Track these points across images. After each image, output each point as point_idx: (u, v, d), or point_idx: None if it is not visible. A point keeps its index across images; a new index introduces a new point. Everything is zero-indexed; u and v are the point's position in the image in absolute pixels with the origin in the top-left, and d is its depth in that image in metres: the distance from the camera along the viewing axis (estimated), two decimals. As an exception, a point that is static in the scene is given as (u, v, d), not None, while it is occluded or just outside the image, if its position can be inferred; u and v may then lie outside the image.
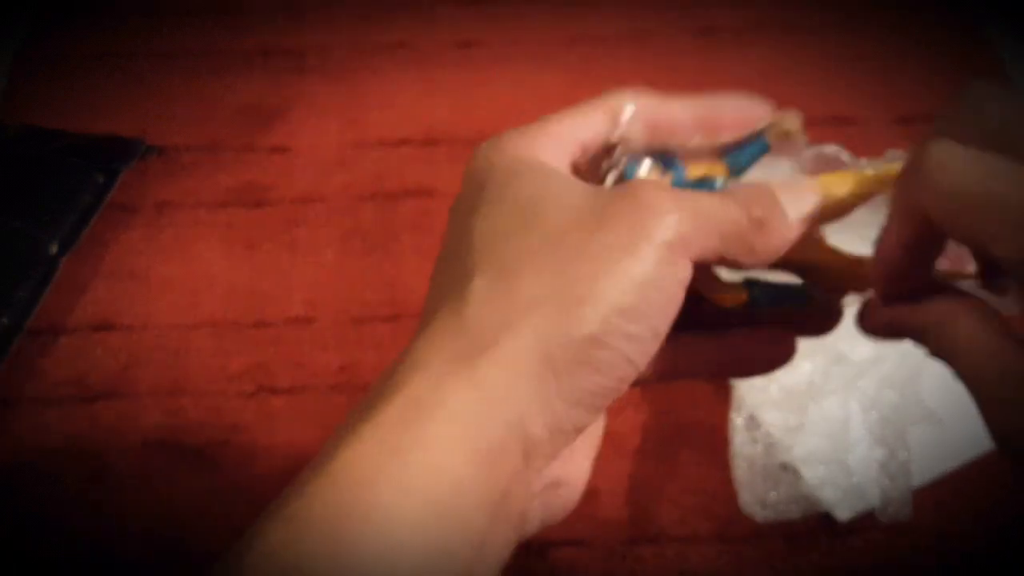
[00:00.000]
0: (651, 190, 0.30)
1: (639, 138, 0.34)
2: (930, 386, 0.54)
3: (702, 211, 0.30)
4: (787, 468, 0.53)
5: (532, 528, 0.31)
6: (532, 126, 0.33)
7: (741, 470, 0.53)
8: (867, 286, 0.33)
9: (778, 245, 0.32)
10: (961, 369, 0.29)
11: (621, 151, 0.34)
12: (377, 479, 0.26)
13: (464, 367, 0.28)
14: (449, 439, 0.27)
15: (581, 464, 0.33)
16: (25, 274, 0.63)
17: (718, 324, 0.35)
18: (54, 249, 0.64)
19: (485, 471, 0.27)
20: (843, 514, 0.52)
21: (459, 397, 0.28)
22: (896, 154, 0.35)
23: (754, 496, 0.52)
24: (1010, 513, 0.53)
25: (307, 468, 0.28)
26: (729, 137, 0.35)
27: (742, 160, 0.35)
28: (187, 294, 0.64)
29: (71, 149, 0.69)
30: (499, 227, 0.31)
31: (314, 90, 0.76)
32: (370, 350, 0.61)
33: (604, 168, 0.34)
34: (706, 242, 0.30)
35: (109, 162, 0.69)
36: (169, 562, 0.53)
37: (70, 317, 0.63)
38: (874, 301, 0.32)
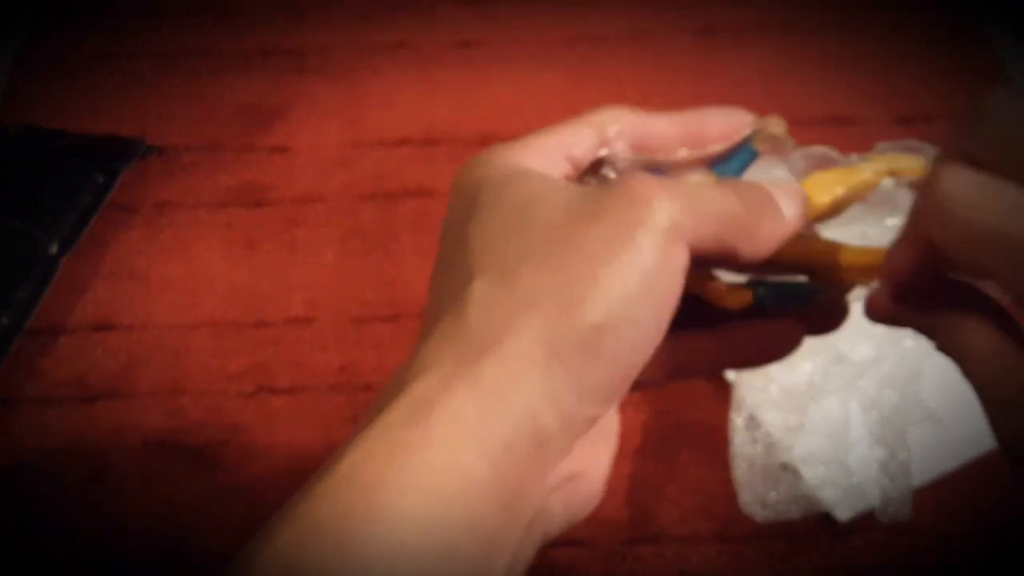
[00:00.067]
0: (643, 180, 0.30)
1: (626, 154, 0.34)
2: (930, 386, 0.54)
3: (695, 197, 0.30)
4: (787, 468, 0.53)
5: (555, 527, 0.31)
6: (520, 140, 0.34)
7: (741, 470, 0.53)
8: (871, 278, 0.33)
9: (777, 232, 0.32)
10: (968, 370, 0.29)
11: (609, 165, 0.34)
12: (383, 480, 0.26)
13: (469, 368, 0.28)
14: (456, 439, 0.27)
15: (599, 459, 0.33)
16: (25, 274, 0.63)
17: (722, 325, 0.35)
18: (54, 249, 0.64)
19: (494, 469, 0.27)
20: (843, 514, 0.52)
21: (465, 397, 0.28)
22: (885, 146, 0.35)
23: (754, 496, 0.52)
24: (1010, 513, 0.53)
25: (316, 473, 0.28)
26: (716, 148, 0.35)
27: (731, 169, 0.35)
28: (187, 294, 0.64)
29: (71, 149, 0.69)
30: (495, 230, 0.31)
31: (314, 90, 0.76)
32: (370, 350, 0.61)
33: (593, 183, 0.34)
34: (702, 228, 0.30)
35: (109, 162, 0.69)
36: (169, 562, 0.53)
37: (70, 317, 0.63)
38: (881, 291, 0.32)
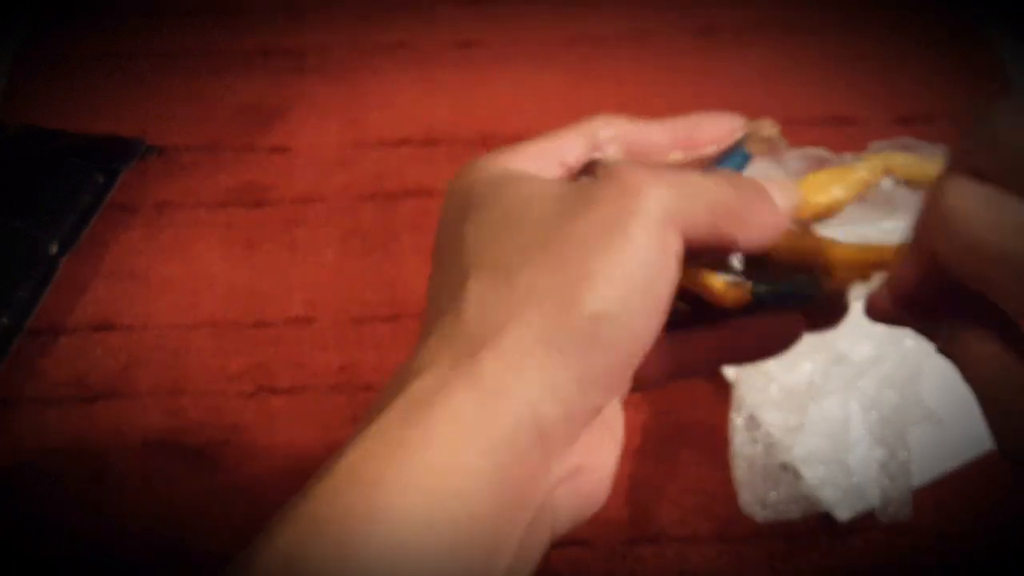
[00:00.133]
0: (632, 170, 0.30)
1: (618, 157, 0.35)
2: (930, 386, 0.54)
3: (687, 184, 0.30)
4: (787, 468, 0.53)
5: (563, 524, 0.31)
6: (513, 147, 0.34)
7: (741, 470, 0.53)
8: (869, 275, 0.33)
9: (772, 221, 0.32)
10: (968, 374, 0.29)
11: (602, 168, 0.34)
12: (383, 480, 0.26)
13: (467, 365, 0.28)
14: (455, 436, 0.27)
15: (604, 454, 0.32)
16: (25, 274, 0.63)
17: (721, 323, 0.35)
18: (54, 249, 0.64)
19: (495, 464, 0.27)
20: (843, 514, 0.52)
21: (463, 396, 0.28)
22: (880, 145, 0.35)
23: (754, 496, 0.52)
24: (1010, 513, 0.53)
25: (316, 473, 0.28)
26: (708, 152, 0.35)
27: None
28: (187, 294, 0.64)
29: (71, 149, 0.69)
30: (489, 230, 0.31)
31: (314, 90, 0.76)
32: (370, 350, 0.61)
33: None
34: (694, 214, 0.30)
35: (109, 162, 0.69)
36: (169, 562, 0.53)
37: (70, 317, 0.63)
38: (883, 291, 0.32)
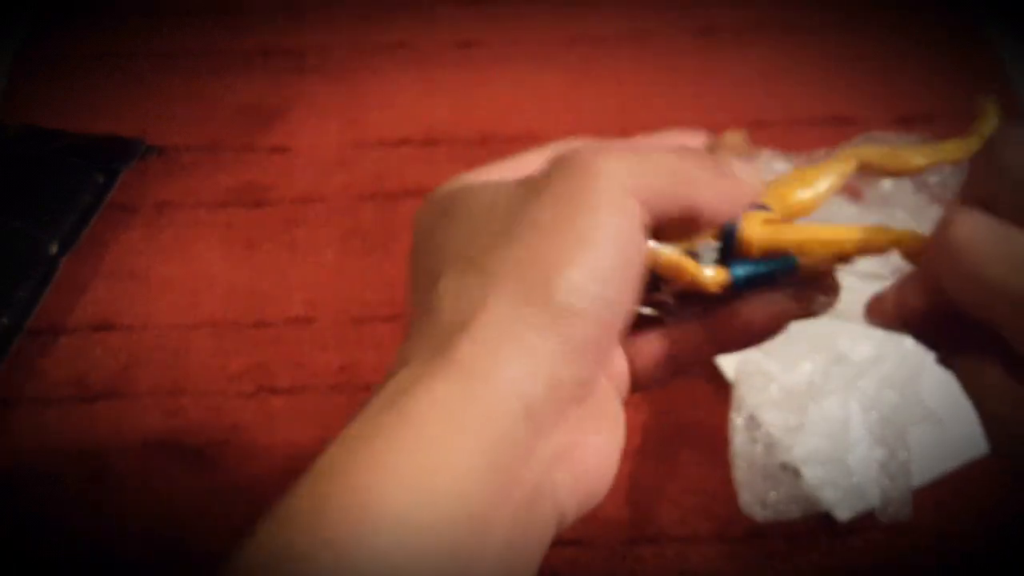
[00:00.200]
0: (583, 147, 0.31)
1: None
2: (930, 386, 0.54)
3: (639, 153, 0.31)
4: (787, 468, 0.53)
5: (569, 510, 0.31)
6: (480, 168, 0.35)
7: (741, 470, 0.53)
8: (851, 257, 0.33)
9: (735, 190, 0.33)
10: (970, 392, 0.29)
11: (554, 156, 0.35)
12: (358, 467, 0.27)
13: (443, 353, 0.29)
14: (433, 419, 0.27)
15: (603, 438, 0.32)
16: (25, 274, 0.63)
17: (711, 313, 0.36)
18: (54, 249, 0.64)
19: (477, 443, 0.27)
20: (843, 514, 0.52)
21: (440, 381, 0.28)
22: (852, 142, 0.37)
23: (754, 496, 0.52)
24: (1010, 513, 0.53)
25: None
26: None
27: None
28: (187, 294, 0.64)
29: (71, 149, 0.69)
30: (457, 232, 0.32)
31: (314, 90, 0.76)
32: (370, 350, 0.61)
33: None
34: (651, 182, 0.31)
35: (109, 162, 0.69)
36: (169, 562, 0.53)
37: (70, 317, 0.63)
38: (883, 296, 0.32)
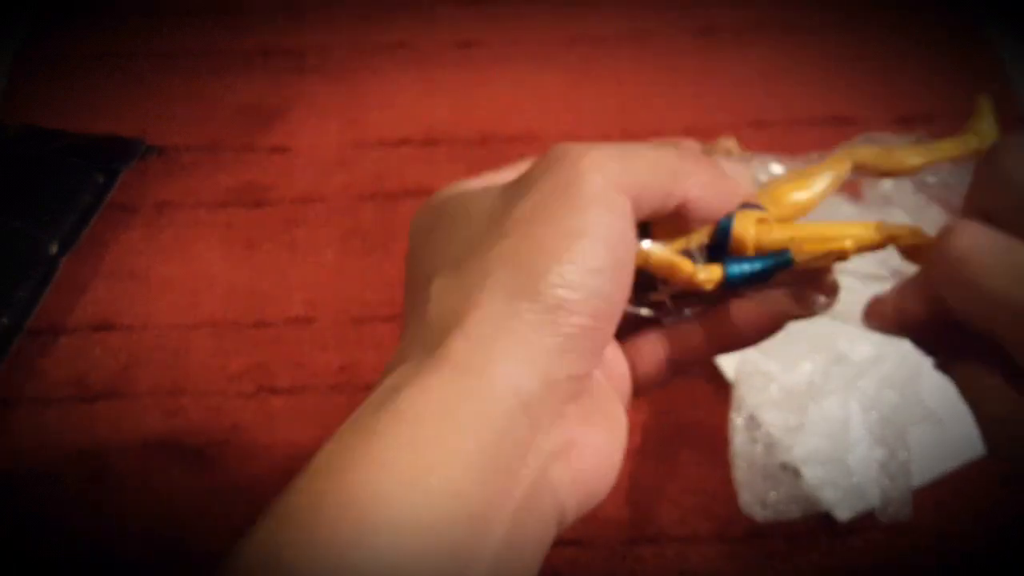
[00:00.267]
0: (566, 144, 0.32)
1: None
2: (930, 386, 0.54)
3: (622, 147, 0.32)
4: (787, 468, 0.53)
5: (571, 509, 0.31)
6: (467, 180, 0.35)
7: (741, 470, 0.53)
8: (848, 254, 0.33)
9: (725, 186, 0.33)
10: (967, 399, 0.29)
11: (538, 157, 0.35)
12: (353, 464, 0.27)
13: (437, 350, 0.29)
14: (428, 415, 0.28)
15: (604, 436, 0.32)
16: (25, 274, 0.63)
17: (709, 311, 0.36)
18: (54, 249, 0.64)
19: (474, 440, 0.28)
20: (843, 514, 0.52)
21: (434, 378, 0.28)
22: (846, 145, 0.37)
23: (754, 496, 0.52)
24: (1010, 513, 0.53)
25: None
26: None
27: None
28: (187, 294, 0.64)
29: (71, 149, 0.69)
30: (446, 236, 0.33)
31: (314, 90, 0.76)
32: (370, 350, 0.61)
33: None
34: (636, 175, 0.31)
35: (109, 162, 0.69)
36: (169, 562, 0.53)
37: (70, 317, 0.63)
38: (883, 300, 0.32)
